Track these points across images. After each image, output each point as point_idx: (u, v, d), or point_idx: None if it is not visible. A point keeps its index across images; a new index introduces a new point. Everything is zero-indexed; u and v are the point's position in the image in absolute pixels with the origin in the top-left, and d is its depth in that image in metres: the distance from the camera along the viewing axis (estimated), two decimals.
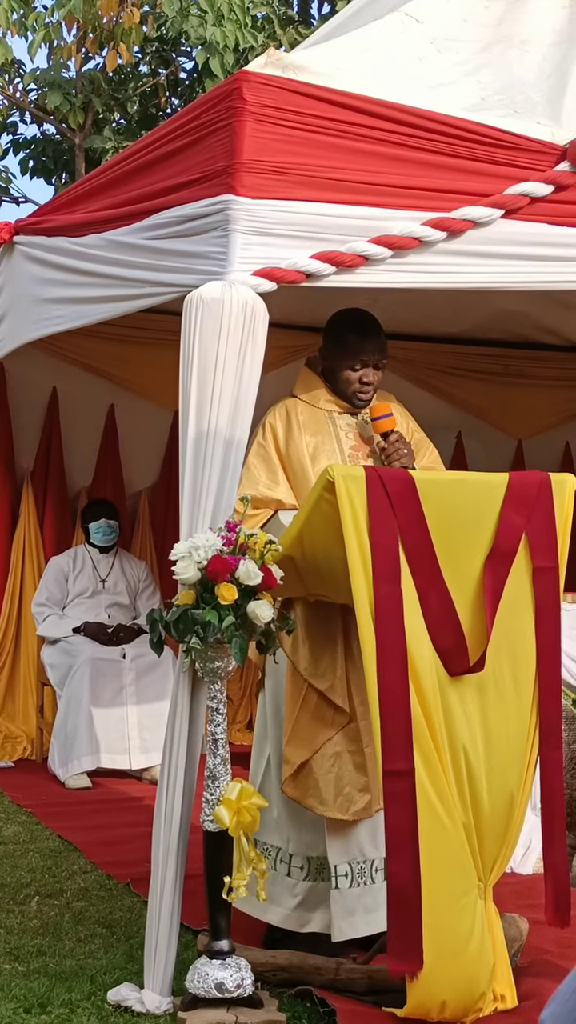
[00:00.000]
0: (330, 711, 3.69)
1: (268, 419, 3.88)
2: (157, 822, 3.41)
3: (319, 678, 3.69)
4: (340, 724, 3.69)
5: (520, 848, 4.42)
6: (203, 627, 3.21)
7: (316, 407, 3.90)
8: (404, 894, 3.18)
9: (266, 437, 3.84)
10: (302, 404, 3.91)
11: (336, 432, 3.89)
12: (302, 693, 3.72)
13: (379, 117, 3.56)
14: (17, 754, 6.44)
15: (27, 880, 4.49)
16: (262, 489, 3.75)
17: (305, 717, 3.70)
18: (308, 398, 3.92)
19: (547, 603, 3.40)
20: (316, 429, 3.86)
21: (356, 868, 3.69)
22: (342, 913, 3.67)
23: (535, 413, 7.36)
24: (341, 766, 3.67)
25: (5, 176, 11.97)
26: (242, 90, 3.40)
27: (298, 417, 3.86)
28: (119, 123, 11.96)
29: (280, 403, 3.93)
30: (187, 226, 3.56)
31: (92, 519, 6.52)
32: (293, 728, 3.72)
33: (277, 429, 3.85)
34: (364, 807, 3.66)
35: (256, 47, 9.93)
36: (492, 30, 4.20)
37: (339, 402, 3.93)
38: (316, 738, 3.68)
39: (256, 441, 3.82)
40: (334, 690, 3.68)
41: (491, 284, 3.85)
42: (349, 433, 3.90)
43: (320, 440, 3.85)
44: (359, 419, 3.94)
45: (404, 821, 3.19)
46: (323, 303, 4.03)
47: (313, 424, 3.87)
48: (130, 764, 6.07)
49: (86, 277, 4.21)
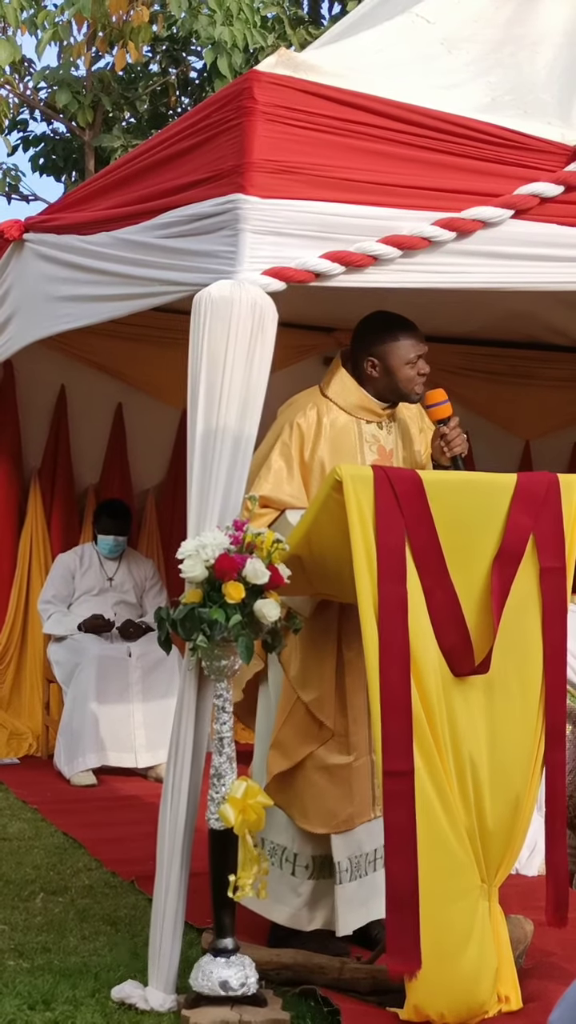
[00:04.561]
0: (315, 725, 3.67)
1: (297, 419, 3.74)
2: (162, 820, 3.41)
3: (305, 689, 3.67)
4: (323, 738, 3.66)
5: (525, 850, 4.42)
6: (210, 625, 3.21)
7: (347, 413, 3.79)
8: (403, 895, 3.18)
9: (292, 438, 3.72)
10: (333, 406, 3.79)
11: (361, 444, 3.80)
12: (292, 701, 3.70)
13: (389, 117, 3.56)
14: (23, 751, 6.45)
15: (32, 877, 4.50)
16: (285, 488, 3.68)
17: (290, 726, 3.69)
18: (341, 402, 3.80)
19: (554, 604, 3.40)
20: (342, 438, 3.77)
21: (354, 862, 3.70)
22: (345, 907, 3.67)
23: (543, 414, 7.35)
24: (324, 780, 3.66)
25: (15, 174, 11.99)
26: (253, 90, 3.40)
27: (328, 423, 3.75)
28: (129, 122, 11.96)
29: (308, 399, 3.81)
30: (197, 225, 3.56)
31: (102, 532, 6.52)
32: (277, 736, 3.70)
33: (305, 433, 3.72)
34: (345, 820, 3.66)
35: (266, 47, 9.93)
36: (502, 30, 4.20)
37: (372, 409, 3.81)
38: (298, 750, 3.67)
39: (280, 439, 3.72)
40: (320, 703, 3.65)
41: (500, 285, 3.85)
42: (374, 446, 3.81)
43: (343, 454, 3.73)
44: (384, 430, 3.85)
45: (404, 822, 3.19)
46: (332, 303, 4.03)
47: (340, 432, 3.77)
48: (136, 762, 6.07)
49: (95, 275, 4.21)
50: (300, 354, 6.74)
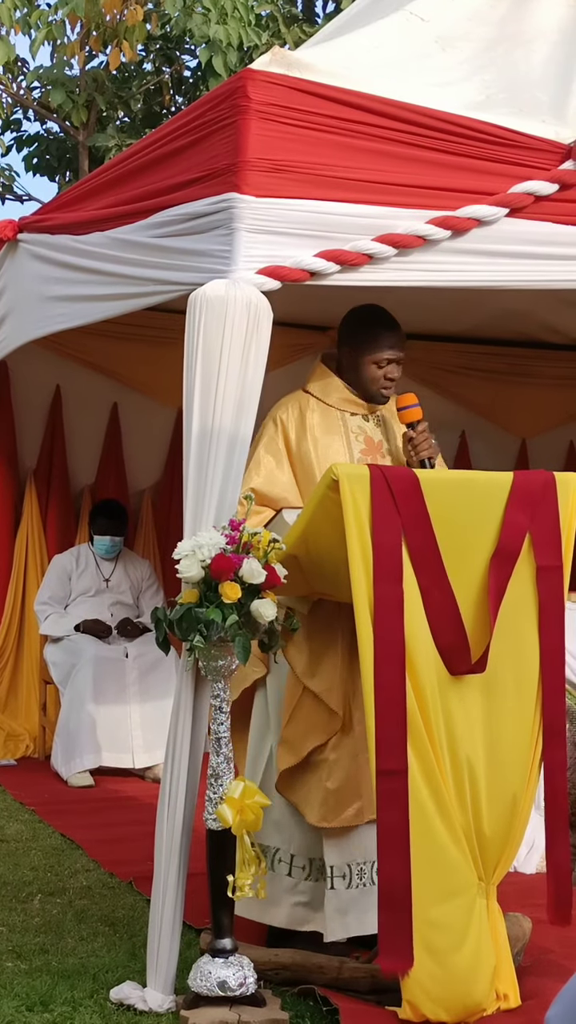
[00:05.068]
0: (323, 717, 3.66)
1: (279, 413, 3.81)
2: (160, 820, 3.41)
3: (314, 679, 3.66)
4: (332, 731, 3.66)
5: (524, 848, 4.42)
6: (206, 626, 3.20)
7: (329, 406, 3.85)
8: (395, 893, 3.19)
9: (277, 431, 3.78)
10: (315, 401, 3.85)
11: (347, 434, 3.83)
12: (297, 696, 3.70)
13: (384, 115, 3.55)
14: (20, 752, 6.44)
15: (30, 878, 4.50)
16: (276, 480, 3.71)
17: (296, 721, 3.68)
18: (322, 395, 3.86)
19: (551, 602, 3.40)
20: (327, 429, 3.81)
21: (355, 869, 3.66)
22: (334, 913, 3.65)
23: (540, 412, 7.35)
24: (332, 774, 3.65)
25: (9, 174, 11.98)
26: (247, 88, 3.40)
27: (310, 415, 3.81)
28: (123, 121, 11.96)
29: (291, 397, 3.87)
30: (191, 224, 3.55)
31: (98, 532, 6.52)
32: (284, 732, 3.70)
33: (288, 425, 3.79)
34: (354, 814, 3.64)
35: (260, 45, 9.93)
36: (497, 28, 4.20)
37: (355, 401, 3.87)
38: (305, 744, 3.66)
39: (267, 434, 3.78)
40: (330, 693, 3.65)
41: (496, 283, 3.85)
42: (360, 436, 3.84)
43: (330, 441, 3.80)
44: (371, 422, 3.89)
45: (396, 821, 3.19)
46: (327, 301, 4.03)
47: (325, 424, 3.82)
48: (133, 763, 6.07)
49: (90, 275, 4.21)
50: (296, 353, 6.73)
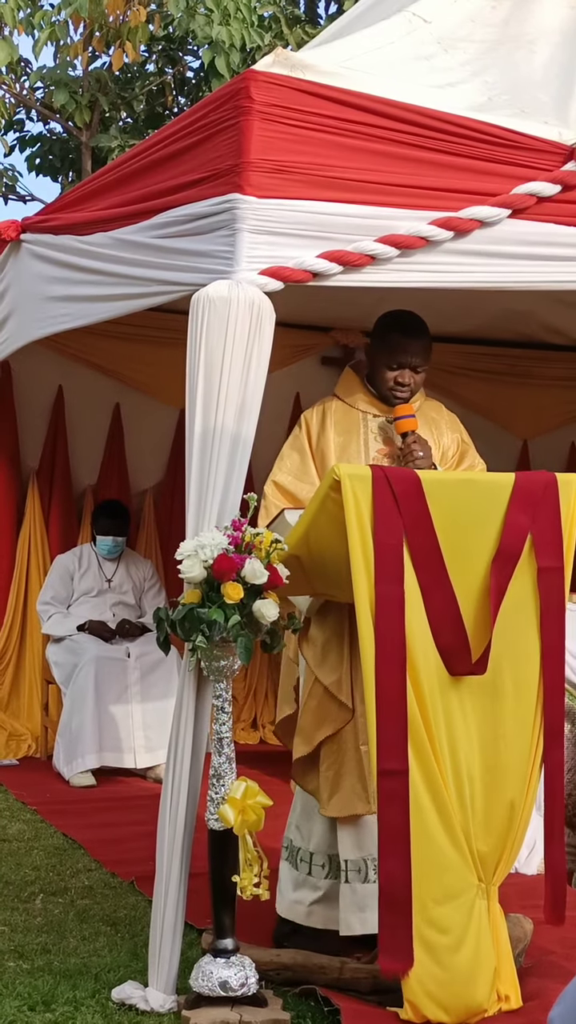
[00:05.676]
0: (333, 707, 3.69)
1: (306, 413, 3.96)
2: (162, 820, 3.41)
3: (323, 670, 3.69)
4: (342, 721, 3.68)
5: (524, 849, 4.42)
6: (209, 626, 3.21)
7: (353, 407, 3.94)
8: (395, 893, 3.19)
9: (301, 430, 3.91)
10: (338, 403, 3.95)
11: (366, 434, 3.92)
12: (310, 686, 3.73)
13: (386, 116, 3.56)
14: (22, 752, 6.44)
15: (32, 878, 4.50)
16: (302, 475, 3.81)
17: (308, 711, 3.71)
18: (346, 397, 3.97)
19: (552, 603, 3.40)
20: (346, 428, 3.91)
21: (372, 864, 3.67)
22: (352, 908, 3.67)
23: (541, 413, 7.36)
24: (341, 764, 3.67)
25: (12, 174, 11.99)
26: (249, 89, 3.40)
27: (332, 415, 3.91)
28: (125, 122, 11.96)
29: (320, 401, 3.99)
30: (194, 225, 3.56)
31: (100, 532, 6.52)
32: (300, 722, 3.74)
33: (312, 424, 3.91)
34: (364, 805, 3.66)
35: (263, 46, 9.93)
36: (499, 30, 4.20)
37: (377, 404, 3.95)
38: (315, 733, 3.69)
39: (293, 433, 3.92)
40: (339, 685, 3.68)
41: (498, 284, 3.85)
42: (379, 436, 3.93)
43: (348, 440, 3.89)
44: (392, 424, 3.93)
45: (397, 821, 3.20)
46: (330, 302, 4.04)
47: (345, 423, 3.91)
48: (135, 763, 6.07)
49: (93, 275, 4.21)
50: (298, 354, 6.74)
